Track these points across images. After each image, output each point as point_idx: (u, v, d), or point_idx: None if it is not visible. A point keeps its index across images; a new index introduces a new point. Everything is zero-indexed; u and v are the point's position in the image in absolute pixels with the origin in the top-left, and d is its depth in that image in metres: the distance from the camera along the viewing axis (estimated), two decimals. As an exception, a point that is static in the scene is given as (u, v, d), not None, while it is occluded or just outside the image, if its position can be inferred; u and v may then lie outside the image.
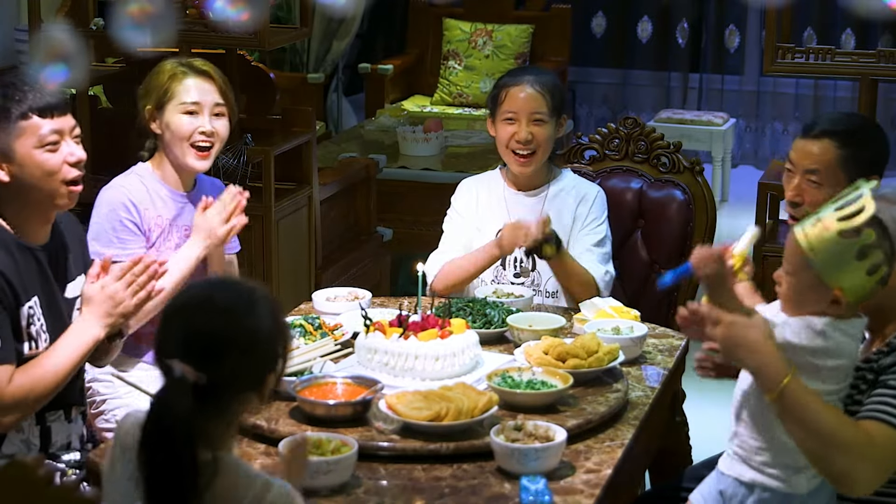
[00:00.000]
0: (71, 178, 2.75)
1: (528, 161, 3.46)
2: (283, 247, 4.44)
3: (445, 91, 7.27)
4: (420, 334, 2.80)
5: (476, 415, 2.54)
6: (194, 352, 1.96)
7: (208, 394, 1.95)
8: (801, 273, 2.36)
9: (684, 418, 3.37)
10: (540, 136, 3.45)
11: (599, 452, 2.54)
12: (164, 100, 3.26)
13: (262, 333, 2.02)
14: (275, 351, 2.05)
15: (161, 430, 1.93)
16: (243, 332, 1.99)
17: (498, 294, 3.30)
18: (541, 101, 3.46)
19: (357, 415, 2.61)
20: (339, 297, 3.28)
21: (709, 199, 3.80)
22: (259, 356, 2.02)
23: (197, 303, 2.02)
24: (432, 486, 2.41)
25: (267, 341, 2.03)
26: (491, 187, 3.58)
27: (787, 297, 2.40)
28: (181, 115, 3.25)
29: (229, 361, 1.98)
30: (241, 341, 1.99)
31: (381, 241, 5.24)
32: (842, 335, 2.36)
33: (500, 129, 3.48)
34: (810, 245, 2.33)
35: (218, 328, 1.98)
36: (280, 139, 4.50)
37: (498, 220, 3.50)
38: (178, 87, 3.26)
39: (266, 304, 2.04)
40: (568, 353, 2.81)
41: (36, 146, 2.70)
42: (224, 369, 1.97)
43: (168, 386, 1.96)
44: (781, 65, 4.43)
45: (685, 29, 8.29)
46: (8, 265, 2.68)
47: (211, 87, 3.29)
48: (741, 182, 7.72)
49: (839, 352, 2.37)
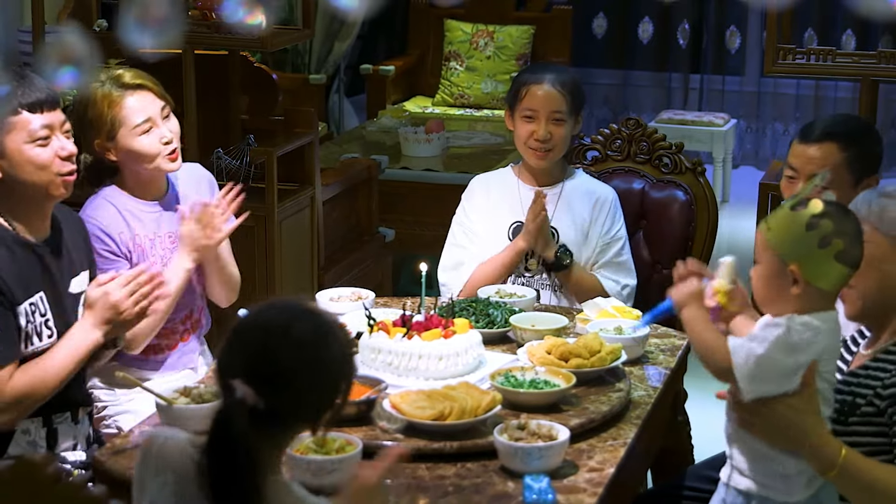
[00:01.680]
0: (65, 171, 2.76)
1: (545, 156, 3.50)
2: (286, 247, 4.45)
3: (447, 92, 7.28)
4: (423, 334, 2.81)
5: (479, 414, 2.55)
6: (259, 376, 1.94)
7: (263, 419, 1.94)
8: (763, 257, 2.37)
9: (686, 418, 3.38)
10: (558, 135, 3.48)
11: (602, 451, 2.55)
12: (114, 130, 3.12)
13: (330, 372, 2.01)
14: (337, 388, 2.03)
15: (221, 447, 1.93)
16: (311, 368, 1.98)
17: (501, 294, 3.31)
18: (560, 101, 3.48)
19: (361, 414, 2.62)
20: (342, 298, 3.30)
21: (710, 199, 3.81)
22: (321, 393, 2.01)
23: (273, 328, 1.99)
24: (436, 484, 2.42)
25: (332, 380, 2.02)
26: (504, 183, 3.60)
27: (756, 288, 2.40)
28: (139, 137, 3.12)
29: (291, 393, 1.96)
30: (307, 376, 1.97)
31: (383, 241, 5.24)
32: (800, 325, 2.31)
33: (519, 125, 3.51)
34: (768, 226, 2.35)
35: (287, 359, 1.96)
36: (282, 140, 4.51)
37: (512, 215, 3.54)
38: (122, 113, 3.11)
39: (338, 341, 2.03)
40: (570, 353, 2.83)
41: (26, 141, 2.72)
42: (284, 399, 1.96)
43: (227, 405, 1.95)
44: (782, 66, 4.44)
45: (686, 30, 8.29)
46: (7, 263, 2.69)
47: (150, 97, 3.16)
48: (742, 183, 7.73)
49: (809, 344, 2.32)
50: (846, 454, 2.31)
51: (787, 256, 2.32)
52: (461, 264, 3.53)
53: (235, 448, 1.92)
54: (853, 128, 3.13)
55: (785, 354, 2.31)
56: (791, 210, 2.33)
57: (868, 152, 3.07)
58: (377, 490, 2.08)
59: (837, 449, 2.31)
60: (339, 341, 2.03)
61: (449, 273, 3.54)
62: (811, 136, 3.06)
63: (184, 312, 3.28)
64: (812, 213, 2.31)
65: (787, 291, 2.33)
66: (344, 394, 2.04)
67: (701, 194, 3.81)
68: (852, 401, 2.46)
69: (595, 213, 3.53)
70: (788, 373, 2.32)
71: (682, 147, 3.90)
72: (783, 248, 2.32)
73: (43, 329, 2.76)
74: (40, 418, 2.79)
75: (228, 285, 3.34)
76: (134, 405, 3.19)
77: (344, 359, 2.03)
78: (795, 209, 2.33)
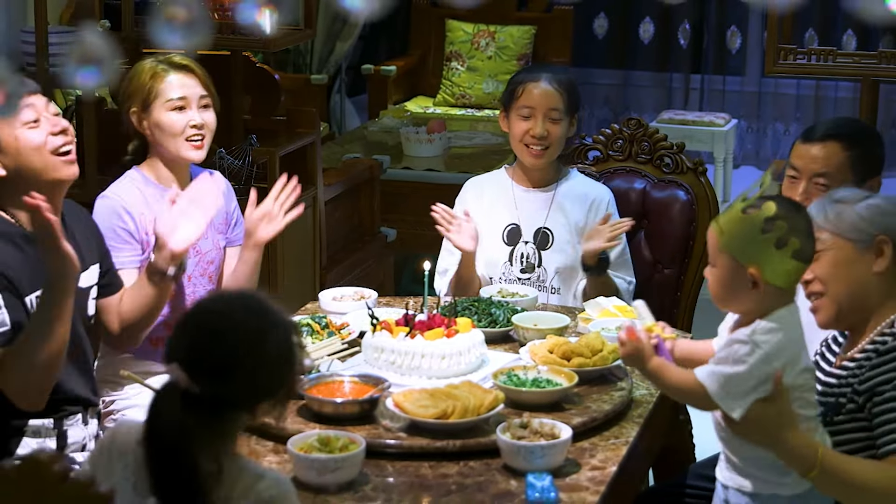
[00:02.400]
0: (58, 145, 2.77)
1: (541, 154, 3.50)
2: (289, 247, 4.46)
3: (448, 92, 7.29)
4: (426, 333, 2.83)
5: (482, 412, 2.57)
6: (197, 362, 1.96)
7: (200, 404, 1.94)
8: (718, 260, 2.37)
9: (688, 416, 3.40)
10: (554, 133, 3.49)
11: (604, 450, 2.56)
12: (150, 100, 3.22)
13: (269, 363, 1.99)
14: (277, 381, 2.02)
15: (154, 431, 1.95)
16: (249, 359, 1.97)
17: (503, 293, 3.32)
18: (557, 99, 3.49)
19: (364, 413, 2.63)
20: (345, 297, 3.31)
21: (712, 199, 3.82)
22: (259, 384, 2.00)
23: (215, 314, 2.01)
24: (439, 483, 2.43)
25: (271, 371, 2.00)
26: (498, 185, 3.61)
27: (714, 290, 2.41)
28: (169, 112, 3.22)
29: (227, 382, 1.96)
30: (244, 367, 1.97)
31: (385, 241, 5.25)
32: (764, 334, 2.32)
33: (515, 123, 3.51)
34: (720, 228, 2.35)
35: (225, 348, 1.97)
36: (285, 140, 4.52)
37: (506, 216, 3.54)
38: (161, 86, 3.22)
39: (281, 335, 2.01)
40: (573, 352, 2.84)
41: (17, 128, 2.73)
42: (219, 387, 1.95)
43: (163, 388, 1.97)
44: (783, 66, 4.45)
45: (687, 30, 8.29)
46: (12, 257, 2.70)
47: (193, 81, 3.27)
48: (743, 182, 7.72)
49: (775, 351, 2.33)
50: (823, 452, 2.31)
51: (743, 259, 2.33)
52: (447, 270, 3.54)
53: (168, 431, 1.93)
54: (856, 129, 3.14)
55: (761, 365, 2.32)
56: (743, 213, 2.33)
57: (871, 154, 3.08)
58: None
59: (815, 449, 2.32)
60: (281, 335, 2.01)
61: (443, 278, 3.55)
62: (814, 136, 3.06)
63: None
64: (766, 215, 2.31)
65: (746, 291, 2.34)
66: (287, 386, 2.04)
67: (702, 194, 3.82)
68: (835, 401, 2.47)
69: (591, 215, 3.53)
70: (764, 379, 2.33)
71: (684, 147, 3.91)
72: (739, 252, 2.33)
73: None
74: (52, 420, 2.80)
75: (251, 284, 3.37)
76: (142, 399, 3.19)
77: (285, 352, 2.01)
78: (747, 212, 2.33)
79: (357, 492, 2.38)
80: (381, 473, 2.46)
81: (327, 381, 2.72)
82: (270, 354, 1.99)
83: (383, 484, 2.42)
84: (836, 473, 2.32)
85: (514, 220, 3.53)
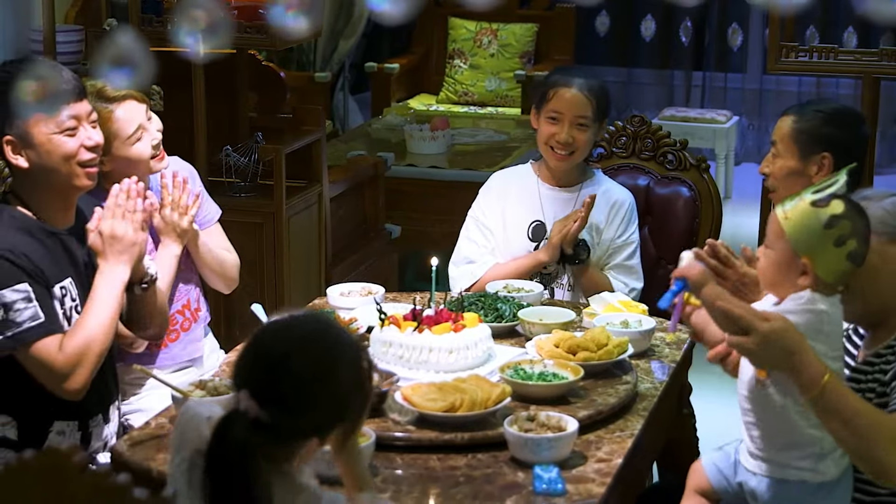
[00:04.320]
0: (87, 160, 2.81)
1: (565, 159, 3.54)
2: (294, 244, 4.49)
3: (451, 90, 7.32)
4: (434, 328, 2.85)
5: (490, 406, 2.59)
6: (265, 391, 1.93)
7: (267, 430, 1.93)
8: (776, 244, 2.40)
9: (691, 410, 3.42)
10: (580, 140, 3.52)
11: (610, 443, 2.59)
12: (108, 145, 3.02)
13: (340, 392, 1.98)
14: (346, 407, 2.01)
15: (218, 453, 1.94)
16: (320, 390, 1.96)
17: (509, 289, 3.36)
18: (586, 106, 3.52)
19: (373, 406, 2.65)
20: (352, 293, 3.34)
21: (714, 195, 3.86)
22: (329, 411, 1.99)
23: (284, 341, 1.98)
24: (447, 475, 2.45)
25: (341, 399, 1.99)
26: (523, 181, 3.64)
27: (763, 271, 2.44)
28: (133, 146, 3.14)
29: (295, 412, 1.95)
30: (314, 397, 1.95)
31: (389, 238, 5.28)
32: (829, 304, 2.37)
33: (543, 125, 3.55)
34: (785, 215, 2.37)
35: (294, 380, 1.95)
36: (290, 138, 4.55)
37: (530, 213, 3.58)
38: (114, 127, 3.10)
39: (353, 357, 2.00)
40: (578, 346, 2.87)
41: (55, 132, 2.76)
42: (290, 416, 1.94)
43: (230, 413, 1.95)
44: (785, 63, 4.47)
45: (688, 28, 8.33)
46: (33, 249, 2.74)
47: (134, 104, 3.16)
48: (744, 179, 7.76)
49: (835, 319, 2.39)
50: (829, 377, 2.31)
51: (800, 248, 2.36)
52: (471, 261, 3.57)
53: (231, 455, 1.92)
54: (823, 109, 3.32)
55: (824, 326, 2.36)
56: (812, 205, 2.35)
57: (821, 130, 3.24)
58: None
59: (822, 370, 2.31)
60: (351, 359, 2.00)
61: (460, 267, 3.58)
62: (788, 111, 3.33)
63: (181, 302, 3.33)
64: (833, 212, 2.33)
65: (794, 279, 2.37)
66: (357, 413, 2.03)
67: (705, 190, 3.85)
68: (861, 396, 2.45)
69: (611, 216, 3.57)
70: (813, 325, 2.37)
71: (686, 144, 3.95)
72: (799, 240, 2.36)
73: (73, 314, 2.80)
74: (76, 422, 2.84)
75: (223, 272, 3.38)
76: (144, 403, 3.24)
77: (355, 378, 2.00)
78: (817, 205, 2.35)
79: (367, 484, 2.41)
80: (391, 466, 2.49)
81: (336, 375, 2.75)
82: (341, 382, 1.98)
83: (392, 476, 2.45)
84: (838, 402, 2.31)
85: (538, 217, 3.57)
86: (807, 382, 2.32)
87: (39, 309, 2.69)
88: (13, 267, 2.69)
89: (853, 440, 2.34)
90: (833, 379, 2.32)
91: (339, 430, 2.03)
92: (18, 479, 1.80)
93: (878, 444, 2.33)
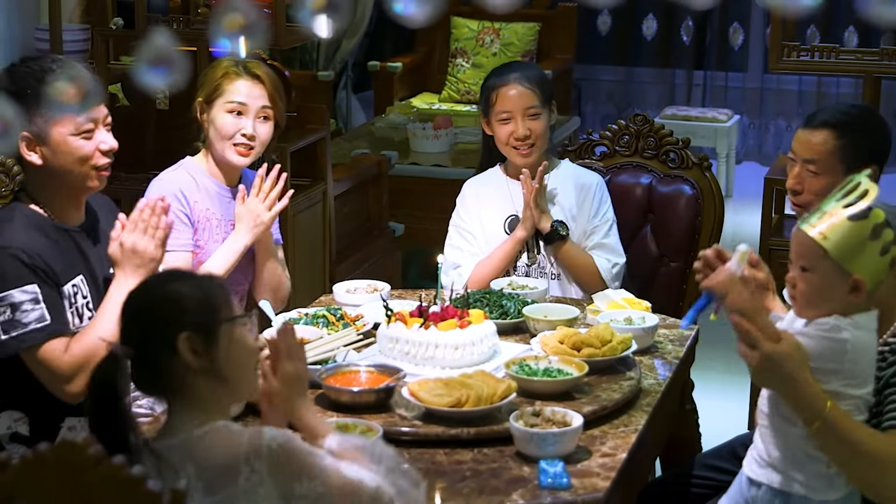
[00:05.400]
0: (101, 164, 2.84)
1: (529, 153, 3.57)
2: (300, 241, 4.51)
3: (453, 88, 7.34)
4: (440, 324, 2.88)
5: (495, 401, 2.62)
6: (123, 330, 2.14)
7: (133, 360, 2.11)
8: (818, 267, 2.34)
9: (694, 406, 3.45)
10: (537, 130, 3.56)
11: (614, 437, 2.62)
12: (214, 96, 3.32)
13: (170, 301, 2.12)
14: (183, 315, 2.11)
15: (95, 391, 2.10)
16: (155, 300, 2.13)
17: (513, 286, 3.39)
18: (531, 97, 3.56)
19: (380, 401, 2.69)
20: (358, 289, 3.37)
21: (717, 193, 3.88)
22: (164, 318, 2.11)
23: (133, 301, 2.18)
24: (454, 469, 2.48)
25: (172, 307, 2.12)
26: (493, 183, 3.68)
27: (807, 295, 2.37)
28: (226, 113, 3.30)
29: (137, 326, 2.12)
30: (151, 308, 2.13)
31: (393, 236, 5.30)
32: (855, 329, 2.34)
33: (498, 128, 3.59)
34: (823, 235, 2.31)
35: (135, 314, 2.14)
36: (295, 136, 4.57)
37: (503, 211, 3.63)
38: (228, 86, 3.31)
39: (196, 281, 2.17)
40: (582, 343, 2.89)
41: (72, 133, 2.79)
42: (134, 335, 2.11)
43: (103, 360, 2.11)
44: (786, 63, 4.50)
45: (689, 27, 8.35)
46: (46, 247, 2.76)
47: (260, 91, 3.32)
48: (745, 178, 7.79)
49: (859, 348, 2.35)
50: (831, 406, 2.31)
51: (850, 266, 2.31)
52: (458, 266, 3.61)
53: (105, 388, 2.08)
54: (853, 117, 3.15)
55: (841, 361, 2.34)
56: (850, 220, 2.31)
57: (863, 143, 3.10)
58: None
59: (822, 402, 2.31)
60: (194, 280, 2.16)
61: (449, 274, 3.60)
62: (811, 122, 3.13)
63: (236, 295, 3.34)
64: (875, 222, 2.31)
65: (841, 296, 2.33)
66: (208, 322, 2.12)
67: (707, 189, 3.88)
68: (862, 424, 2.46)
69: (581, 199, 3.60)
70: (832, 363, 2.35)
71: (689, 143, 3.97)
72: (847, 259, 2.31)
73: (84, 311, 2.83)
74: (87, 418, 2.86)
75: (276, 289, 3.41)
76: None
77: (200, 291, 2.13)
78: (856, 218, 2.31)
79: (374, 478, 2.44)
80: (398, 460, 2.52)
81: (344, 370, 2.78)
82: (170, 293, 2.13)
83: (400, 470, 2.48)
84: (837, 429, 2.31)
85: (512, 212, 3.62)
86: (806, 413, 2.33)
87: (46, 311, 2.72)
88: (24, 267, 2.71)
89: (856, 471, 2.37)
90: (835, 410, 2.31)
91: (183, 341, 2.11)
92: (34, 471, 1.82)
93: (881, 473, 2.34)
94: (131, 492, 1.78)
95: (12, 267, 2.71)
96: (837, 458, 2.36)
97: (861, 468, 2.36)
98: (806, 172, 3.11)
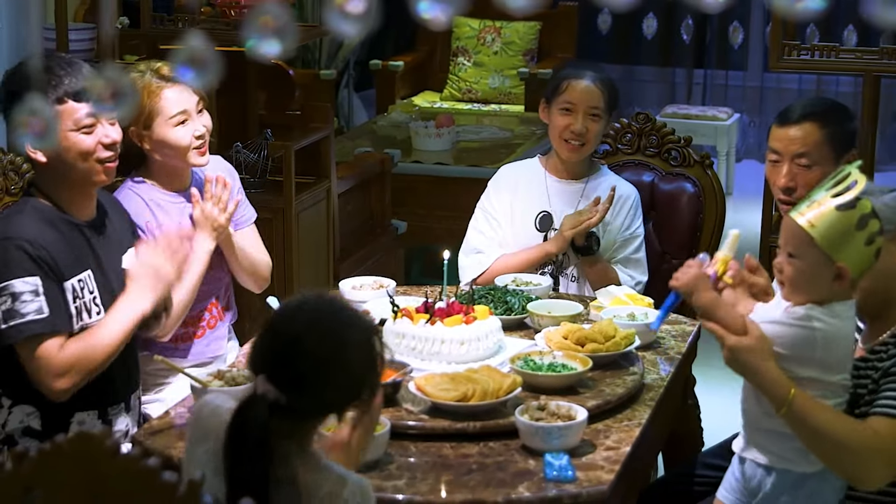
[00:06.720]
0: (105, 157, 2.86)
1: (578, 150, 3.61)
2: (303, 239, 4.54)
3: (455, 87, 7.37)
4: (446, 320, 2.91)
5: (501, 395, 2.65)
6: (281, 373, 2.02)
7: (285, 412, 2.01)
8: (805, 254, 2.39)
9: (695, 401, 3.48)
10: (593, 130, 3.60)
11: (618, 431, 2.65)
12: (150, 119, 3.18)
13: (353, 369, 2.06)
14: (361, 384, 2.09)
15: (238, 436, 2.01)
16: (334, 368, 2.04)
17: (517, 282, 3.41)
18: (599, 97, 3.60)
19: (387, 396, 2.69)
20: (364, 286, 3.39)
21: (718, 191, 3.91)
22: (344, 388, 2.07)
23: (296, 323, 2.06)
24: (460, 462, 2.51)
25: (356, 376, 2.07)
26: (531, 174, 3.70)
27: (794, 281, 2.43)
28: (175, 127, 3.20)
29: (312, 392, 2.03)
30: (329, 375, 2.03)
31: (396, 234, 5.32)
32: (830, 318, 2.40)
33: (556, 117, 3.61)
34: (811, 223, 2.37)
35: (309, 359, 2.02)
36: (299, 134, 4.59)
37: (537, 205, 3.64)
38: (159, 103, 3.19)
39: (365, 336, 2.08)
40: (586, 338, 2.92)
41: (72, 129, 2.81)
42: (306, 397, 2.03)
43: (249, 398, 2.03)
44: (787, 61, 4.51)
45: (690, 25, 8.37)
46: (54, 240, 2.79)
47: (188, 90, 3.23)
48: (745, 176, 7.82)
49: (832, 337, 2.41)
50: (795, 394, 2.38)
51: (836, 255, 2.36)
52: (479, 251, 3.63)
53: (251, 437, 2.00)
54: (828, 107, 3.22)
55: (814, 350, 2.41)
56: (838, 210, 2.36)
57: (845, 129, 3.16)
58: None
59: (786, 389, 2.39)
60: (363, 338, 2.07)
61: (470, 257, 3.63)
62: (790, 119, 3.15)
63: (210, 300, 3.36)
64: (863, 212, 2.36)
65: (826, 284, 2.39)
66: (371, 387, 2.11)
67: (709, 186, 3.91)
68: (854, 392, 2.51)
69: (617, 210, 3.62)
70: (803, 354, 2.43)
71: (691, 141, 4.00)
72: (832, 246, 2.36)
73: (91, 306, 2.85)
74: (96, 411, 2.90)
75: (254, 271, 3.41)
76: (163, 394, 3.28)
77: (368, 356, 2.08)
78: (844, 208, 2.35)
79: (382, 471, 2.46)
80: (405, 454, 2.55)
81: (351, 366, 2.81)
82: (353, 360, 2.06)
83: (407, 464, 2.51)
84: (805, 417, 2.39)
85: (546, 208, 3.64)
86: (773, 399, 2.42)
87: (45, 304, 2.74)
88: (28, 258, 2.74)
89: (823, 452, 2.43)
90: (799, 396, 2.39)
91: (354, 407, 2.11)
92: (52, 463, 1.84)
93: (848, 455, 2.41)
94: (147, 483, 1.80)
95: (18, 257, 2.73)
96: (803, 439, 2.44)
97: (825, 450, 2.43)
98: (797, 168, 3.11)
